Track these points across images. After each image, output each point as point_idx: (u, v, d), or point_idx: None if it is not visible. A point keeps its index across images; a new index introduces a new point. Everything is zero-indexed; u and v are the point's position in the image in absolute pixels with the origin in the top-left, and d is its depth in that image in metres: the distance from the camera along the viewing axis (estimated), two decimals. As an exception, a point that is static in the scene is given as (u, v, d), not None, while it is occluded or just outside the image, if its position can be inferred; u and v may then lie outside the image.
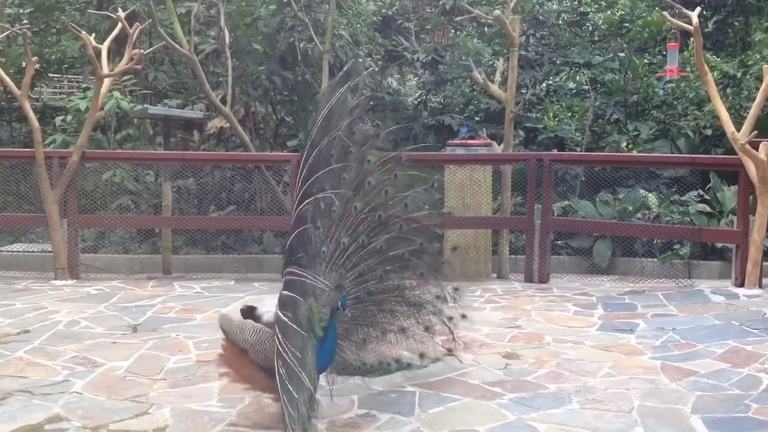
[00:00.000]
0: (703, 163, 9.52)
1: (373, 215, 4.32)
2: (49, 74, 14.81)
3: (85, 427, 4.06)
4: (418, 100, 14.41)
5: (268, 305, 4.00)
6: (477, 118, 12.81)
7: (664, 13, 8.58)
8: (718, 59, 11.72)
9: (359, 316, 4.33)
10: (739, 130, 7.53)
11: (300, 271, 3.65)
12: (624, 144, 11.21)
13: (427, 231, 4.65)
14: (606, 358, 5.28)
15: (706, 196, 9.99)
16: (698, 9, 8.02)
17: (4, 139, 13.61)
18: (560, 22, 13.85)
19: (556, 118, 11.75)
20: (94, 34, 8.74)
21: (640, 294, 7.45)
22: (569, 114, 11.89)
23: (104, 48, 8.43)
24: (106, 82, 8.40)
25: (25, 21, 13.26)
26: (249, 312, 4.02)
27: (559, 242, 9.76)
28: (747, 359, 5.19)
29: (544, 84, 12.97)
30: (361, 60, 11.92)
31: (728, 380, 4.82)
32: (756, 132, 7.42)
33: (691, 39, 9.54)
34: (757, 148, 7.37)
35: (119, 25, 8.54)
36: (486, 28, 14.19)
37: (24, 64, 8.37)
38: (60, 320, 6.19)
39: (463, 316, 4.87)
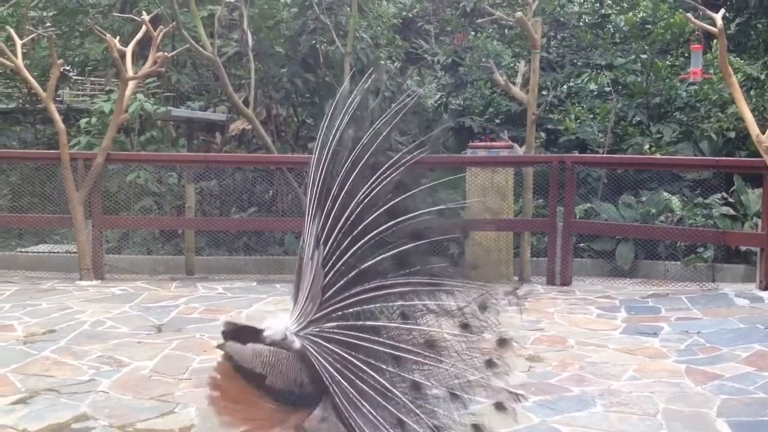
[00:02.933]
0: (727, 166, 9.46)
1: None
2: (73, 77, 14.97)
3: (111, 426, 4.09)
4: (439, 102, 14.41)
5: (271, 326, 3.60)
6: (497, 120, 12.81)
7: (687, 14, 8.54)
8: (742, 61, 11.64)
9: None
10: (763, 133, 7.48)
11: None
12: (647, 146, 11.16)
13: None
14: (630, 362, 5.26)
15: (730, 199, 9.92)
16: (722, 11, 7.96)
17: (28, 141, 13.79)
18: (581, 24, 13.82)
19: (578, 120, 11.72)
20: (118, 37, 8.82)
21: (664, 297, 7.41)
22: (591, 116, 11.86)
23: (129, 51, 8.49)
24: (131, 84, 8.47)
25: (48, 24, 13.42)
26: (254, 334, 3.58)
27: (581, 245, 9.73)
28: (772, 363, 5.15)
29: (565, 86, 12.94)
30: (382, 62, 11.96)
31: (753, 384, 4.78)
32: (780, 134, 7.37)
33: (714, 41, 9.48)
34: (781, 151, 7.32)
35: (143, 28, 8.61)
36: (506, 30, 14.18)
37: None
38: (85, 320, 6.24)
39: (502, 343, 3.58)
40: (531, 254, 8.99)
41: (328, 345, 3.46)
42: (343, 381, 3.42)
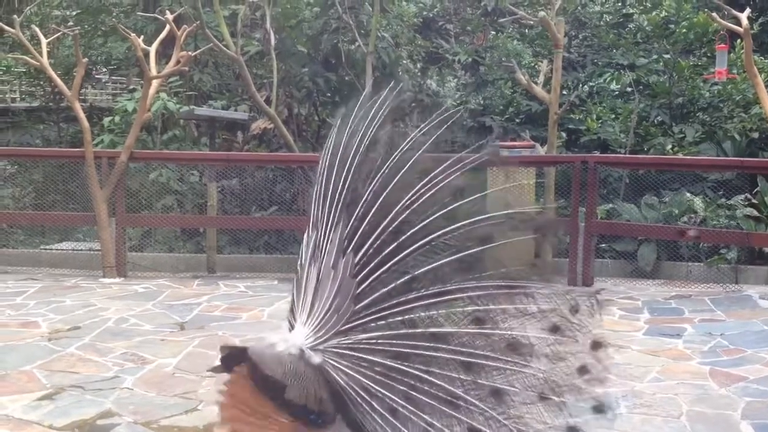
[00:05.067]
0: (751, 167, 9.38)
1: None
2: (96, 75, 15.09)
3: (136, 422, 4.13)
4: (459, 101, 14.38)
5: (285, 339, 3.28)
6: (517, 120, 12.76)
7: (713, 14, 8.48)
8: (766, 61, 11.53)
9: None
10: (789, 133, 7.43)
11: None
12: (669, 147, 11.07)
13: None
14: (653, 363, 5.23)
15: (754, 200, 9.83)
16: (747, 10, 7.90)
17: (51, 139, 13.88)
18: (603, 23, 13.74)
19: (600, 120, 11.65)
20: (142, 36, 8.88)
21: (687, 298, 7.36)
22: (613, 116, 11.78)
23: (152, 50, 8.54)
24: (154, 83, 8.52)
25: (71, 23, 13.52)
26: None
27: (603, 245, 9.67)
28: (797, 366, 5.11)
29: (586, 86, 12.88)
30: (404, 62, 11.98)
31: (778, 387, 4.75)
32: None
33: (738, 41, 9.40)
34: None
35: (167, 27, 8.65)
36: (527, 30, 14.13)
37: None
38: (109, 317, 6.30)
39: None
40: (552, 254, 8.94)
41: (364, 356, 3.24)
42: (387, 393, 3.19)
